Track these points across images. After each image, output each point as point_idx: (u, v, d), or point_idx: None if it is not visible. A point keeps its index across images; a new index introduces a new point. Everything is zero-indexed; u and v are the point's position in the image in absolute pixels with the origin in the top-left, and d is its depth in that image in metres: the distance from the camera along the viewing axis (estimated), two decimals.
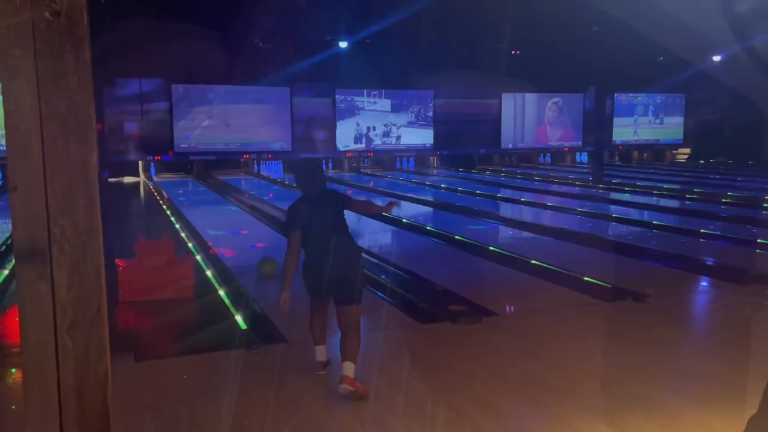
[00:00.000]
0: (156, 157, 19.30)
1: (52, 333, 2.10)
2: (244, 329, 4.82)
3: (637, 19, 14.03)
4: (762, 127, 20.09)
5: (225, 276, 6.52)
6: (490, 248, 8.07)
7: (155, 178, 19.07)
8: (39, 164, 2.03)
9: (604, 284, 6.12)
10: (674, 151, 26.49)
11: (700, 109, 25.10)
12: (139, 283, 5.61)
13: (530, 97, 23.13)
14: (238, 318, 5.06)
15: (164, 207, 12.39)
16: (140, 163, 19.32)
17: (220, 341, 4.55)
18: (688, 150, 26.30)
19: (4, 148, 1.99)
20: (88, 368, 2.17)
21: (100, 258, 2.21)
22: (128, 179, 18.64)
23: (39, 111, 2.02)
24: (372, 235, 10.23)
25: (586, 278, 6.34)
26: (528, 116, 23.30)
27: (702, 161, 24.71)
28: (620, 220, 10.65)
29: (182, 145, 19.26)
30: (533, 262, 7.10)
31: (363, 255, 4.00)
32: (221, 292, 5.86)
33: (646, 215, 11.40)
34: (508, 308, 5.59)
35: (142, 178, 19.13)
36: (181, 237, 8.84)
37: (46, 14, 2.00)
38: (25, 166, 2.03)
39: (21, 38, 1.99)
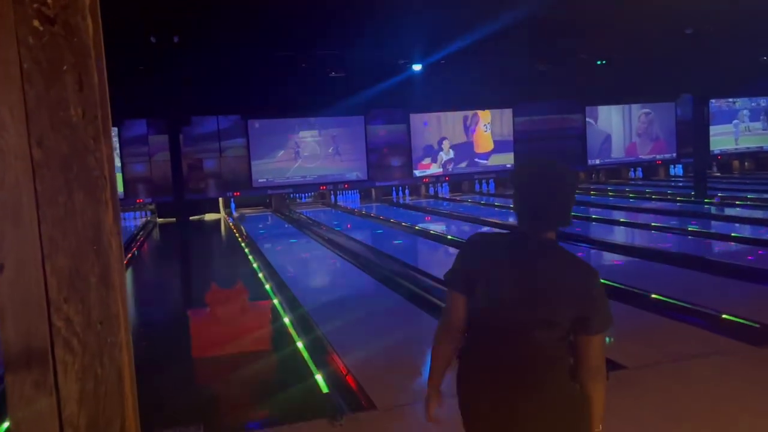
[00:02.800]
0: (235, 193, 19.42)
1: None
2: (326, 392, 4.18)
3: (737, 17, 12.75)
4: None
5: (304, 323, 5.95)
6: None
7: (235, 214, 19.12)
8: (34, 231, 1.45)
9: (748, 323, 5.11)
10: None
11: None
12: (212, 336, 5.11)
13: (617, 110, 21.83)
14: (319, 377, 4.43)
15: (243, 244, 12.12)
16: (220, 199, 19.45)
17: (299, 409, 3.93)
18: None
19: None
20: None
21: (122, 356, 1.57)
22: (209, 216, 18.76)
23: (30, 157, 1.46)
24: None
25: (724, 315, 5.33)
26: (615, 130, 21.96)
27: None
28: (740, 240, 9.39)
29: (260, 180, 19.29)
30: (653, 295, 6.13)
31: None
32: (299, 344, 5.28)
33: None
34: (636, 357, 4.69)
35: (222, 214, 19.23)
36: (258, 277, 8.40)
37: (35, 23, 1.43)
38: (15, 235, 1.44)
39: (1, 57, 1.46)
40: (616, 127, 21.96)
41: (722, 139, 23.03)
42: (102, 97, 1.51)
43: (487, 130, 20.53)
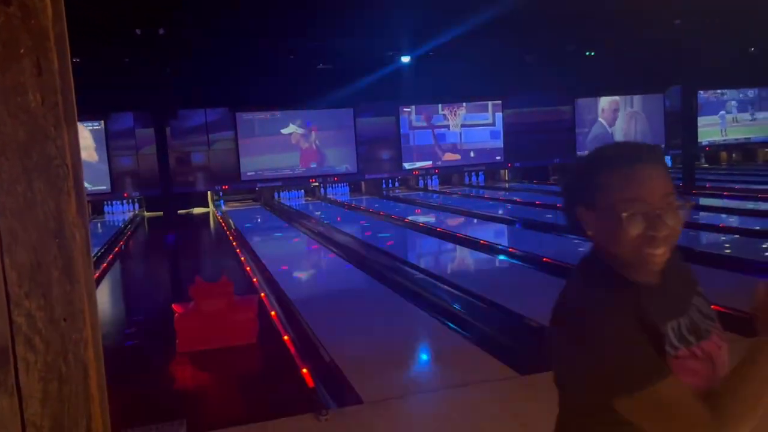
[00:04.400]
0: (224, 187, 19.28)
1: None
2: (312, 387, 4.13)
3: (726, 8, 12.75)
4: None
5: (291, 317, 5.89)
6: None
7: (224, 207, 18.99)
8: None
9: (737, 314, 5.08)
10: None
11: None
12: (197, 330, 5.05)
13: (605, 102, 21.84)
14: (305, 371, 4.38)
15: (231, 238, 12.03)
16: (209, 193, 19.30)
17: (285, 403, 3.88)
18: None
19: None
20: None
21: (88, 353, 1.50)
22: (198, 210, 18.62)
23: None
24: (443, 257, 9.47)
25: (712, 306, 5.31)
26: (603, 121, 21.98)
27: None
28: (729, 230, 9.42)
29: (249, 173, 19.16)
30: None
31: None
32: (286, 338, 5.22)
33: (758, 223, 10.09)
34: None
35: (211, 208, 19.09)
36: (246, 271, 8.32)
37: None
38: None
39: None
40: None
41: (710, 130, 23.12)
42: (64, 82, 1.43)
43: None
